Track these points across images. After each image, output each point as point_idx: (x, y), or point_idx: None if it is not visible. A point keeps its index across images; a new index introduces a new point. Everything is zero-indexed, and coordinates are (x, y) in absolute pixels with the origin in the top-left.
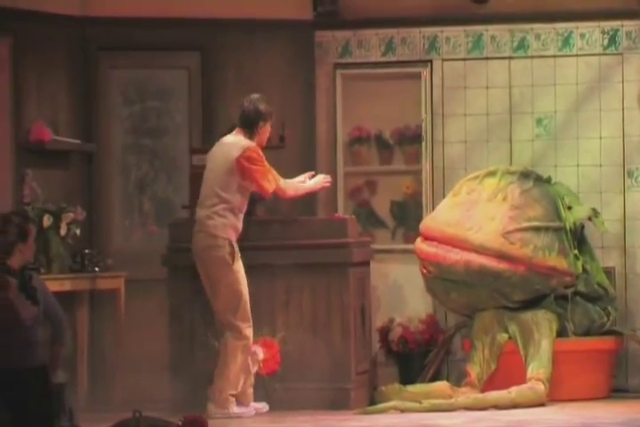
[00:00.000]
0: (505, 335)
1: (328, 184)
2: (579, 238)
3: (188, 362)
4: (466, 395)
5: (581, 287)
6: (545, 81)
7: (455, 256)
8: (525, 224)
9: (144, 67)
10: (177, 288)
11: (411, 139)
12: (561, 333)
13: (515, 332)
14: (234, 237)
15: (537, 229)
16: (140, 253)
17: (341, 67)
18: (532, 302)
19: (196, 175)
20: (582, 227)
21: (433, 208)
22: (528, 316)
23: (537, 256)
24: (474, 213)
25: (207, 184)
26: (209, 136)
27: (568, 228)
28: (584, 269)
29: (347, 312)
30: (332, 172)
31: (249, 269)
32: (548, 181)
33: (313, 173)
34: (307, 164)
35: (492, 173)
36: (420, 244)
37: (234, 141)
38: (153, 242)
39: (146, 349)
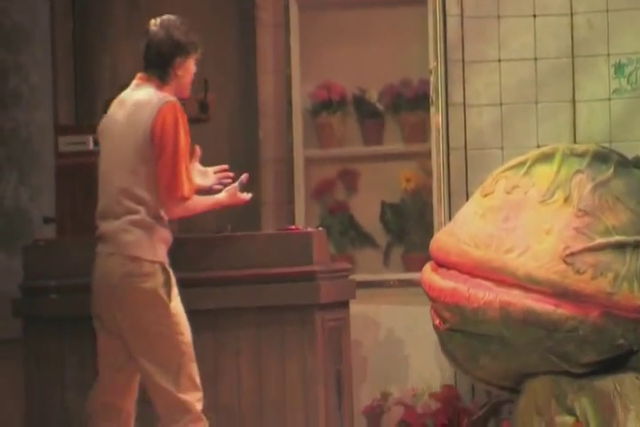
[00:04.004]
0: (569, 418)
1: (246, 199)
2: None
3: None
4: None
5: None
6: (629, 4)
7: (486, 295)
8: (601, 240)
9: None
10: (38, 350)
11: (411, 102)
12: None
13: (586, 410)
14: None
15: (621, 248)
16: None
17: None
18: (609, 364)
19: (65, 169)
20: None
21: (450, 213)
22: (608, 383)
23: (620, 291)
24: (517, 225)
25: (106, 181)
26: (85, 106)
27: None
28: None
29: (312, 384)
30: (282, 157)
31: None
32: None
33: (225, 166)
34: (242, 146)
35: (546, 157)
36: (429, 274)
37: (143, 98)
38: None
39: None
